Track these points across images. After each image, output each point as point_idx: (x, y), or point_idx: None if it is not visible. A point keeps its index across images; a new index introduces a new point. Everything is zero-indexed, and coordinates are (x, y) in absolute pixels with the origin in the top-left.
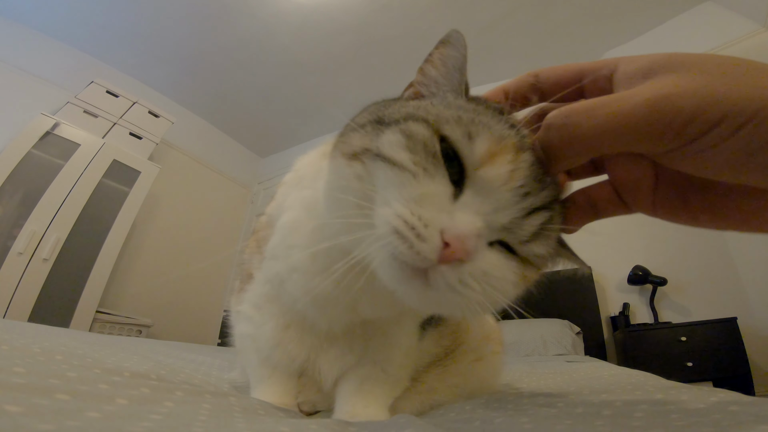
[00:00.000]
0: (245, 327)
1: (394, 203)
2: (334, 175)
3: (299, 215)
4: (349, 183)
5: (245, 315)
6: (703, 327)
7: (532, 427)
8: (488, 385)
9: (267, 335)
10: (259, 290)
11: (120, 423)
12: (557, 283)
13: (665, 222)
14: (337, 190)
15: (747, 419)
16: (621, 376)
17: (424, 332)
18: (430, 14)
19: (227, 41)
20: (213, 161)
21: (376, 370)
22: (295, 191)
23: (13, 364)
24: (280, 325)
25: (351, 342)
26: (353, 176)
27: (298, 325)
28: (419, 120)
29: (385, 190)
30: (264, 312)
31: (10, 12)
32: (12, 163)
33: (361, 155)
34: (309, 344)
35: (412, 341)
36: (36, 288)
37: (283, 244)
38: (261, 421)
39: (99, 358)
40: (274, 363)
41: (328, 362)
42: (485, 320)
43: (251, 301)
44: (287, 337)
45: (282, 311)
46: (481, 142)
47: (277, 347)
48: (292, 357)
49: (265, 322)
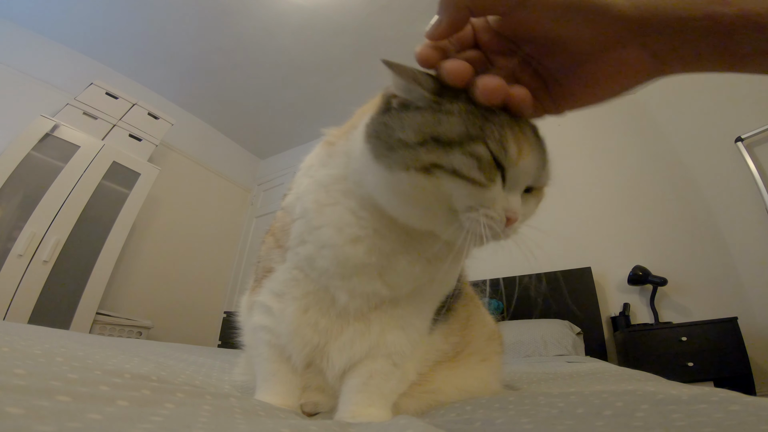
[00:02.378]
0: (261, 318)
1: (481, 209)
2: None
3: (319, 197)
4: (421, 191)
5: (263, 306)
6: (703, 327)
7: (532, 428)
8: (491, 387)
9: (288, 319)
10: (281, 278)
11: (121, 425)
12: (557, 283)
13: (666, 222)
14: (404, 195)
15: (748, 419)
16: (621, 376)
17: (433, 326)
18: (430, 15)
19: (227, 43)
20: (213, 163)
21: (386, 364)
22: (306, 179)
23: (13, 366)
24: (301, 307)
25: (364, 327)
26: (430, 186)
27: (316, 307)
28: (478, 142)
29: (466, 199)
30: (286, 297)
31: (9, 14)
32: (12, 165)
33: (431, 169)
34: (323, 328)
35: (425, 329)
36: (36, 290)
37: (309, 227)
38: (262, 423)
39: (99, 359)
40: (288, 350)
41: (338, 349)
42: (487, 320)
43: (272, 290)
44: (305, 320)
45: (303, 293)
46: (510, 148)
47: (295, 332)
48: (305, 341)
49: (287, 306)
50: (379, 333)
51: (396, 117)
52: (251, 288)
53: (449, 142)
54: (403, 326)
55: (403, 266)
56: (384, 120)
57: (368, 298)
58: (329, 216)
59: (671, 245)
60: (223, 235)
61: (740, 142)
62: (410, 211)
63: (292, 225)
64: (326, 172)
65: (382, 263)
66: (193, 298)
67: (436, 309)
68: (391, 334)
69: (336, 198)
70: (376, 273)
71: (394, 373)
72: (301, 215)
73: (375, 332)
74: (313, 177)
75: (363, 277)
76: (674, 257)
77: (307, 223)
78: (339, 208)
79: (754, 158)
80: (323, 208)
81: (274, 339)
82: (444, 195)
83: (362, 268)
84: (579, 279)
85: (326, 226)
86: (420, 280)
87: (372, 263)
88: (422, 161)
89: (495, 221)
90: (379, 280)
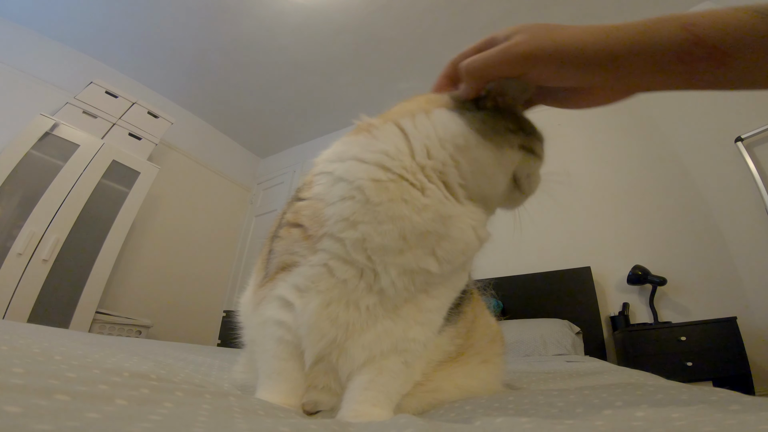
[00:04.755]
0: (275, 312)
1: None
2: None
3: (377, 175)
4: (510, 162)
5: (282, 300)
6: (702, 327)
7: (532, 427)
8: (492, 387)
9: (310, 312)
10: (308, 272)
11: (119, 424)
12: (557, 283)
13: (665, 222)
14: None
15: (747, 419)
16: (621, 376)
17: (443, 328)
18: (430, 15)
19: (227, 42)
20: (212, 162)
21: (397, 362)
22: (345, 163)
23: (12, 364)
24: (324, 301)
25: (392, 323)
26: (517, 158)
27: (339, 301)
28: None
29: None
30: (311, 292)
31: (9, 12)
32: (11, 163)
33: (520, 148)
34: (343, 322)
35: (438, 327)
36: (35, 289)
37: (366, 206)
38: (261, 422)
39: (98, 358)
40: (304, 345)
41: (361, 345)
42: (491, 322)
43: (294, 285)
44: (325, 314)
45: (329, 287)
46: (542, 147)
47: (314, 325)
48: (322, 334)
49: (310, 300)
50: (404, 328)
51: (491, 114)
52: (259, 284)
53: (531, 132)
54: (423, 322)
55: (457, 232)
56: (481, 116)
57: (414, 276)
58: (394, 191)
59: (671, 245)
60: (222, 234)
61: (740, 142)
62: (493, 178)
63: (326, 210)
64: (378, 150)
65: (440, 231)
66: (193, 297)
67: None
68: (413, 330)
69: (399, 173)
70: (431, 246)
71: (403, 372)
72: (350, 196)
73: (401, 327)
74: (361, 159)
75: (419, 250)
76: (674, 257)
77: (364, 202)
78: (403, 183)
79: (753, 158)
80: (385, 184)
81: (287, 335)
82: (517, 165)
83: (423, 238)
84: (578, 278)
85: (391, 201)
86: (465, 253)
87: (433, 230)
88: (520, 142)
89: (537, 185)
90: (432, 256)
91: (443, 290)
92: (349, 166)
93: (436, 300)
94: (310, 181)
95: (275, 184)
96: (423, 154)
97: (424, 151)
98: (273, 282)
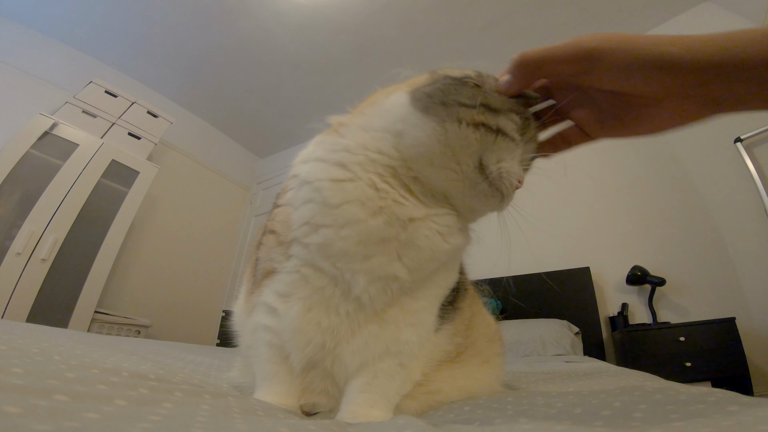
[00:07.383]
0: (263, 317)
1: (509, 161)
2: (447, 133)
3: (336, 175)
4: (464, 141)
5: (267, 306)
6: (701, 327)
7: (531, 428)
8: (491, 388)
9: (292, 317)
10: (286, 279)
11: (119, 424)
12: (556, 283)
13: (664, 222)
14: (446, 145)
15: (746, 419)
16: (620, 376)
17: (440, 326)
18: (430, 15)
19: (226, 41)
20: (212, 161)
21: (393, 363)
22: (309, 165)
23: (11, 364)
24: (305, 307)
25: (378, 328)
26: (473, 138)
27: (320, 306)
28: (516, 114)
29: (499, 152)
30: (292, 297)
31: (8, 12)
32: (10, 163)
33: (479, 126)
34: (326, 327)
35: (432, 327)
36: (34, 288)
37: (325, 208)
38: (260, 422)
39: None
40: (289, 349)
41: (351, 352)
42: (490, 321)
43: (276, 291)
44: (307, 319)
45: (309, 292)
46: (532, 128)
47: (297, 329)
48: (308, 339)
49: (292, 306)
50: (393, 331)
51: (452, 86)
52: (249, 291)
53: (496, 109)
54: (414, 323)
55: (421, 240)
56: (438, 87)
57: (386, 284)
58: (351, 191)
59: (670, 245)
60: (222, 233)
61: (739, 143)
62: (444, 164)
63: (293, 214)
64: (341, 147)
65: (401, 237)
66: (192, 296)
67: (442, 306)
68: (404, 332)
69: (355, 172)
70: (395, 252)
71: (400, 374)
72: (310, 199)
73: (390, 331)
74: (322, 158)
75: (383, 257)
76: (673, 257)
77: (322, 204)
78: (360, 183)
79: (753, 159)
80: (342, 185)
81: (275, 339)
82: (481, 148)
83: (383, 244)
84: (577, 279)
85: (348, 202)
86: (434, 260)
87: (392, 236)
88: (474, 119)
89: (513, 176)
90: (398, 262)
91: (427, 291)
92: (311, 167)
93: (422, 301)
94: (286, 186)
95: (274, 183)
96: (374, 147)
97: (375, 144)
98: (260, 289)
